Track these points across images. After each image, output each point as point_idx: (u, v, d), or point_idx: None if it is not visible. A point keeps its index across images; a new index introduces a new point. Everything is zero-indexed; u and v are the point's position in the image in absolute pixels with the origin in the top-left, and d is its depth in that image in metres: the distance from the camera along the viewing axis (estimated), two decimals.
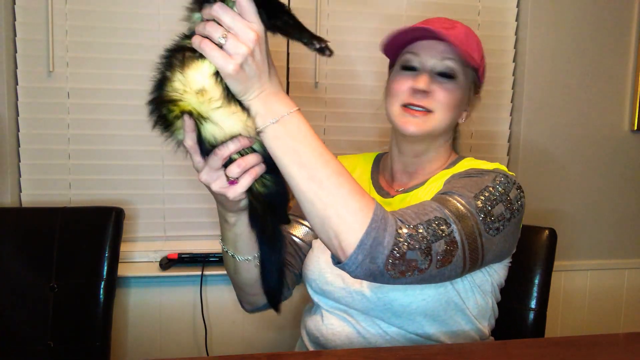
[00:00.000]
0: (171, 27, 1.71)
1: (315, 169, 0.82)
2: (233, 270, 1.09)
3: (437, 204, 0.91)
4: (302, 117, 0.84)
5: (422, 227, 0.85)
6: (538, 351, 0.92)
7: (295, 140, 0.82)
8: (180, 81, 0.81)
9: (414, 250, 0.83)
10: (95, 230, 1.42)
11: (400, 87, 1.10)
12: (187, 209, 1.79)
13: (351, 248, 0.80)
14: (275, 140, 0.82)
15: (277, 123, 0.81)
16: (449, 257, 0.87)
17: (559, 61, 1.95)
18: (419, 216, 0.86)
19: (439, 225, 0.86)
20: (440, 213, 0.88)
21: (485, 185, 0.98)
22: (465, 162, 1.16)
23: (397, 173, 1.21)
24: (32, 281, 1.39)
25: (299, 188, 0.83)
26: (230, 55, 0.76)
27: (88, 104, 1.71)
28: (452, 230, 0.87)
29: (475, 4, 1.91)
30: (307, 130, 0.83)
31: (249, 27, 0.77)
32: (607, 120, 2.01)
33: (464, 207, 0.92)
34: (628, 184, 2.05)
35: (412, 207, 0.90)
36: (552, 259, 1.31)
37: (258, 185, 0.90)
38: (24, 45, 1.66)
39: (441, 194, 0.96)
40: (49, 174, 1.71)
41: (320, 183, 0.81)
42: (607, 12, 1.96)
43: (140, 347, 1.77)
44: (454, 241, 0.88)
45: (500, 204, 0.96)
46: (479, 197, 0.94)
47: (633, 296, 2.09)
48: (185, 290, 1.78)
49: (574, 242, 2.01)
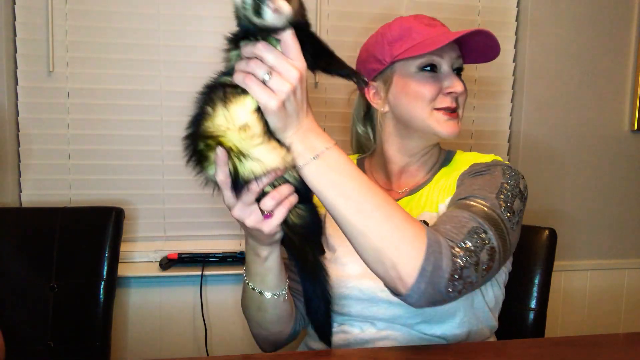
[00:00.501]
0: (171, 27, 1.73)
1: (362, 201, 0.82)
2: (257, 307, 1.05)
3: (468, 212, 0.90)
4: (341, 150, 0.85)
5: (468, 241, 0.85)
6: (538, 351, 0.92)
7: (337, 174, 0.83)
8: (225, 116, 0.81)
9: (469, 267, 0.83)
10: (95, 230, 1.42)
11: (431, 91, 1.08)
12: (187, 209, 1.79)
13: (412, 278, 0.79)
14: (318, 176, 0.83)
15: (318, 159, 0.83)
16: (490, 264, 0.87)
17: (559, 61, 1.95)
18: (459, 229, 0.86)
19: (479, 234, 0.86)
20: (475, 222, 0.88)
21: (500, 182, 0.99)
22: (460, 156, 1.17)
23: (394, 174, 1.19)
24: (32, 281, 1.39)
25: (347, 221, 0.82)
26: (274, 92, 0.78)
27: (88, 104, 1.70)
28: (490, 237, 0.88)
29: (475, 4, 1.91)
30: (347, 163, 0.84)
31: (292, 65, 0.79)
32: (607, 120, 2.01)
33: (490, 209, 0.92)
34: (628, 184, 2.05)
35: (446, 222, 0.89)
36: (552, 259, 1.31)
37: (293, 216, 0.90)
38: (24, 45, 1.66)
39: (462, 200, 0.96)
40: (49, 174, 1.71)
41: (369, 214, 0.81)
42: (607, 12, 1.96)
43: (140, 347, 1.77)
44: (493, 247, 0.88)
45: (517, 199, 0.98)
46: (500, 197, 0.95)
47: (633, 296, 2.09)
48: (185, 290, 1.78)
49: (574, 242, 2.01)
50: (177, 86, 1.74)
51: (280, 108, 0.79)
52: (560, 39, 1.94)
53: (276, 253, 0.97)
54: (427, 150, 1.17)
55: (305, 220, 0.91)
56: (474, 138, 1.95)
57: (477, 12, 1.91)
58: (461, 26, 1.89)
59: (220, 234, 1.81)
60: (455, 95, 1.10)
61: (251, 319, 1.11)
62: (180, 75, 1.74)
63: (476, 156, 1.14)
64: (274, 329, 1.09)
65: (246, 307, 1.10)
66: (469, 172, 1.07)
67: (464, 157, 1.17)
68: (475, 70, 1.92)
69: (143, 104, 1.74)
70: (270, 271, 0.99)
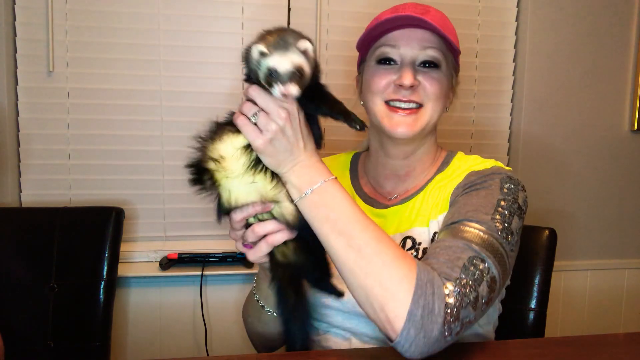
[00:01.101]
0: (171, 27, 1.73)
1: (352, 237, 0.80)
2: (258, 318, 1.06)
3: (462, 241, 0.85)
4: (338, 184, 0.85)
5: (464, 275, 0.79)
6: (538, 351, 0.92)
7: (330, 209, 0.83)
8: (209, 148, 0.87)
9: (466, 307, 0.78)
10: (95, 230, 1.42)
11: (381, 83, 1.02)
12: (187, 209, 1.79)
13: (400, 321, 0.75)
14: (311, 210, 0.84)
15: (312, 193, 0.84)
16: (491, 295, 0.83)
17: (559, 61, 1.95)
18: (454, 262, 0.81)
19: (476, 265, 0.81)
20: (470, 251, 0.83)
21: (497, 199, 0.92)
22: (458, 161, 1.09)
23: (383, 178, 1.13)
24: (32, 281, 1.39)
25: (337, 257, 0.82)
26: (260, 131, 0.82)
27: (88, 104, 1.71)
28: (489, 266, 0.83)
29: (475, 4, 1.91)
30: (343, 198, 0.84)
31: (280, 106, 0.82)
32: (607, 120, 2.01)
33: (486, 234, 0.86)
34: (628, 184, 2.05)
35: (440, 253, 0.84)
36: (552, 259, 1.31)
37: (278, 253, 0.90)
38: (24, 45, 1.66)
39: (456, 224, 0.90)
40: (49, 174, 1.71)
41: (359, 250, 0.80)
42: (607, 12, 1.96)
43: (140, 347, 1.77)
44: (493, 277, 0.83)
45: (516, 217, 0.92)
46: (496, 218, 0.89)
47: (633, 296, 2.09)
48: (185, 290, 1.78)
49: (574, 242, 2.01)
50: (177, 86, 1.74)
51: (267, 145, 0.82)
52: (560, 39, 1.94)
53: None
54: (412, 153, 1.08)
55: (290, 261, 0.91)
56: (474, 138, 1.95)
57: (477, 12, 1.91)
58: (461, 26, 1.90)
59: (220, 234, 1.81)
60: (402, 88, 1.00)
61: (251, 328, 1.11)
62: (180, 75, 1.74)
63: (475, 161, 1.06)
64: (272, 338, 1.09)
65: (248, 315, 1.10)
66: (464, 185, 0.99)
67: (462, 162, 1.08)
68: (475, 70, 1.92)
69: (143, 104, 1.74)
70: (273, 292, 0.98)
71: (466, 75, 1.91)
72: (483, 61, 1.93)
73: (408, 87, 0.99)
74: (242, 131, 0.83)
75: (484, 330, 1.04)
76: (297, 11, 1.78)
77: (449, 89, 1.09)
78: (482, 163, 1.05)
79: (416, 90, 1.01)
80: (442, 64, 1.03)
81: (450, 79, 1.08)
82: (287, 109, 0.83)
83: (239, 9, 1.76)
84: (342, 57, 1.80)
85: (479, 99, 1.94)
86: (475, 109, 1.94)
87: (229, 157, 0.85)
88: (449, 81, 1.07)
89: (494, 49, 1.94)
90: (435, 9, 1.04)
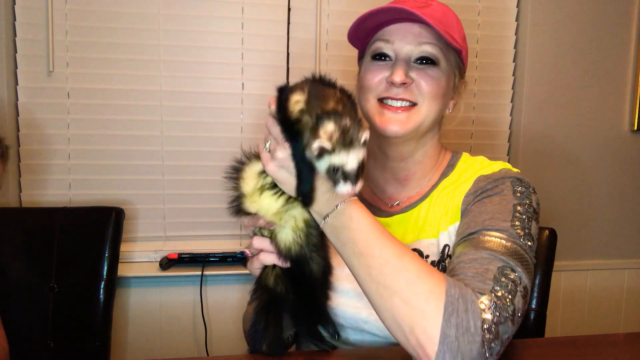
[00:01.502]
0: (171, 27, 1.73)
1: (373, 256, 0.77)
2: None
3: (486, 251, 0.80)
4: (355, 204, 0.81)
5: (498, 287, 0.74)
6: (538, 351, 0.92)
7: (349, 231, 0.79)
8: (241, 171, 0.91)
9: (504, 322, 0.72)
10: (95, 230, 1.42)
11: (373, 80, 0.97)
12: (187, 209, 1.79)
13: (432, 345, 0.68)
14: (333, 235, 0.82)
15: (331, 218, 0.81)
16: (524, 308, 0.78)
17: (559, 61, 1.95)
18: (484, 274, 0.76)
19: (507, 275, 0.76)
20: (498, 261, 0.78)
21: (512, 204, 0.88)
22: (464, 164, 1.03)
23: (383, 182, 1.07)
24: (32, 281, 1.39)
25: (362, 280, 0.78)
26: (272, 158, 0.82)
27: (88, 104, 1.70)
28: (520, 275, 0.78)
29: (475, 4, 1.91)
30: (361, 219, 0.80)
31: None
32: (607, 120, 2.01)
33: (509, 241, 0.82)
34: (628, 184, 2.05)
35: (466, 267, 0.79)
36: (552, 259, 1.31)
37: (270, 276, 0.90)
38: (24, 45, 1.66)
39: (474, 235, 0.85)
40: (49, 174, 1.71)
41: (380, 270, 0.75)
42: (607, 12, 1.96)
43: (140, 347, 1.77)
44: (526, 287, 0.78)
45: (534, 221, 0.88)
46: (515, 224, 0.85)
47: (633, 296, 2.09)
48: (185, 290, 1.78)
49: (574, 242, 2.01)
50: (177, 86, 1.74)
51: (276, 171, 0.82)
52: (560, 39, 1.94)
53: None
54: (410, 154, 1.02)
55: (276, 289, 0.89)
56: (474, 138, 1.95)
57: (477, 12, 1.92)
58: None
59: (220, 234, 1.81)
60: (394, 85, 0.95)
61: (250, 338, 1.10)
62: (180, 75, 1.74)
63: (482, 164, 1.00)
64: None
65: (247, 323, 1.06)
66: (474, 192, 0.94)
67: (469, 165, 1.02)
68: (476, 70, 1.92)
69: (143, 104, 1.74)
70: None
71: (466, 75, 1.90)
72: (483, 61, 1.93)
73: (399, 85, 0.94)
74: (260, 157, 0.86)
75: None
76: (297, 11, 1.78)
77: (450, 89, 1.02)
78: (489, 166, 0.99)
79: (409, 88, 0.95)
80: (441, 61, 0.97)
81: (451, 78, 1.01)
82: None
83: (239, 9, 1.76)
84: (341, 57, 1.80)
85: (479, 99, 1.94)
86: (475, 109, 1.94)
87: (247, 178, 0.88)
88: (449, 80, 1.00)
89: (494, 49, 1.94)
90: (440, 3, 0.99)
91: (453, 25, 0.98)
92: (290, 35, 1.78)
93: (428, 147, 1.04)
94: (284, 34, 1.78)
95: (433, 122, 0.99)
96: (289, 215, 0.86)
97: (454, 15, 1.00)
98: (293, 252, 0.86)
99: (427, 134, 1.02)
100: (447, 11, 0.99)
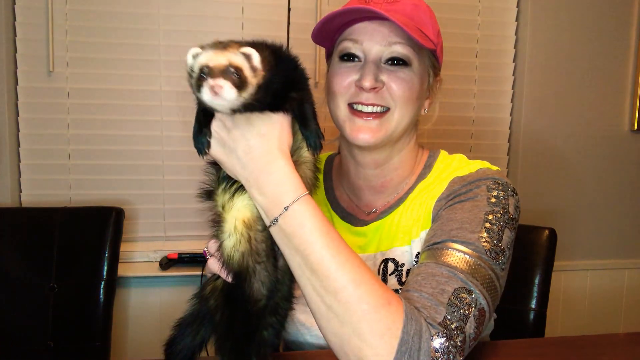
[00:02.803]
0: (171, 27, 1.73)
1: (327, 277, 0.70)
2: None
3: (447, 268, 0.77)
4: (310, 205, 0.73)
5: (450, 317, 0.72)
6: (538, 351, 0.92)
7: (300, 240, 0.71)
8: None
9: (453, 352, 0.70)
10: (95, 230, 1.42)
11: (342, 83, 0.91)
12: (187, 209, 1.78)
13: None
14: (280, 239, 0.74)
15: (280, 220, 0.72)
16: (479, 330, 0.76)
17: (559, 61, 1.95)
18: (438, 298, 0.73)
19: (462, 300, 0.74)
20: (456, 282, 0.75)
21: (485, 211, 0.83)
22: (441, 164, 0.98)
23: (357, 188, 1.01)
24: (32, 281, 1.39)
25: (310, 299, 0.72)
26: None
27: (88, 104, 1.70)
28: (477, 298, 0.75)
29: (475, 4, 1.91)
30: (316, 227, 0.71)
31: (218, 118, 0.77)
32: (607, 120, 2.01)
33: (473, 257, 0.78)
34: (628, 184, 2.05)
35: (422, 284, 0.76)
36: (552, 259, 1.31)
37: (205, 283, 0.84)
38: (24, 45, 1.66)
39: (438, 246, 0.81)
40: (49, 174, 1.71)
41: (334, 295, 0.69)
42: (607, 12, 1.96)
43: (140, 347, 1.77)
44: (482, 309, 0.76)
45: (507, 229, 0.83)
46: (483, 237, 0.80)
47: (633, 296, 2.09)
48: (185, 290, 1.77)
49: (574, 242, 2.01)
50: (177, 86, 1.74)
51: (216, 150, 0.77)
52: (560, 39, 1.94)
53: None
54: (384, 161, 0.96)
55: (212, 300, 0.82)
56: (474, 138, 1.95)
57: (477, 12, 1.91)
58: (461, 26, 1.90)
59: None
60: (369, 91, 0.88)
61: None
62: (180, 75, 1.73)
63: (460, 163, 0.95)
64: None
65: None
66: (447, 196, 0.89)
67: (446, 165, 0.97)
68: (476, 70, 1.92)
69: (143, 104, 1.74)
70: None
71: (466, 75, 1.91)
72: (483, 61, 1.93)
73: (369, 90, 0.88)
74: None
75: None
76: (297, 11, 1.78)
77: (424, 89, 0.95)
78: (466, 166, 0.93)
79: (380, 93, 0.89)
80: (413, 61, 0.91)
81: (425, 78, 0.95)
82: (221, 119, 0.75)
83: (239, 9, 1.76)
84: None
85: (479, 99, 1.94)
86: (475, 109, 1.94)
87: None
88: (422, 80, 0.94)
89: (494, 49, 1.94)
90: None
91: (425, 21, 0.91)
92: (290, 36, 1.78)
93: (404, 153, 0.98)
94: (284, 34, 1.78)
95: (407, 126, 0.93)
96: (231, 215, 0.76)
97: (426, 9, 0.94)
98: (235, 263, 0.75)
99: (402, 139, 0.96)
100: (418, 4, 0.92)
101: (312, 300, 0.72)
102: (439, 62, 0.97)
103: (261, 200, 0.74)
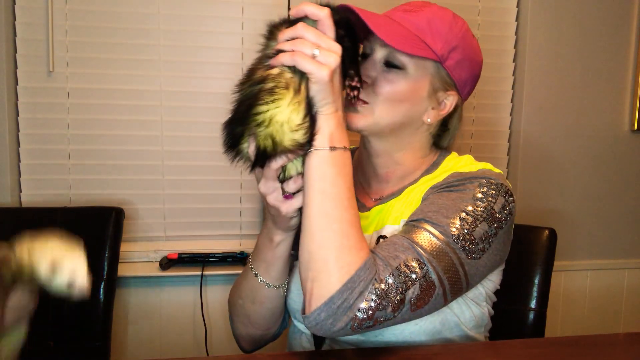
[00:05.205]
0: (171, 27, 1.73)
1: (334, 208, 0.81)
2: (252, 300, 1.03)
3: (409, 240, 0.84)
4: (349, 158, 0.85)
5: (393, 277, 0.79)
6: (538, 351, 0.92)
7: (335, 173, 0.82)
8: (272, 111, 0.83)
9: (383, 309, 0.78)
10: (95, 230, 1.42)
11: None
12: (187, 209, 1.79)
13: (318, 301, 0.78)
14: (321, 164, 0.82)
15: (333, 151, 0.82)
16: (425, 298, 0.82)
17: (559, 61, 1.95)
18: (389, 261, 0.81)
19: (411, 268, 0.81)
20: (412, 253, 0.82)
21: (465, 204, 0.88)
22: (447, 163, 1.02)
23: (369, 177, 1.08)
24: None
25: (310, 216, 0.82)
26: (322, 64, 0.79)
27: (88, 104, 1.71)
28: (427, 270, 0.82)
29: (475, 4, 1.91)
30: (348, 172, 0.84)
31: (333, 41, 0.81)
32: (607, 120, 2.01)
33: (438, 238, 0.84)
34: (628, 184, 2.05)
35: (384, 247, 0.84)
36: (552, 259, 1.31)
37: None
38: (24, 45, 1.66)
39: (412, 223, 0.88)
40: (49, 174, 1.71)
41: (330, 223, 0.81)
42: (607, 12, 1.96)
43: (140, 347, 1.77)
44: (430, 282, 0.82)
45: (484, 223, 0.87)
46: (454, 223, 0.86)
47: (633, 296, 2.09)
48: (185, 290, 1.78)
49: (574, 242, 2.01)
50: (177, 86, 1.74)
51: (331, 79, 0.79)
52: (560, 39, 1.94)
53: (288, 242, 0.96)
54: (385, 152, 1.03)
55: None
56: (474, 138, 1.96)
57: (477, 12, 1.92)
58: None
59: (220, 234, 1.81)
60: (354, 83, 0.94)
61: (240, 314, 1.08)
62: (180, 75, 1.74)
63: (466, 162, 1.00)
64: (263, 326, 1.07)
65: (239, 297, 1.07)
66: (441, 185, 0.94)
67: (453, 163, 1.02)
68: None
69: (143, 104, 1.74)
70: (278, 260, 0.97)
71: None
72: (483, 61, 1.93)
73: (356, 83, 0.94)
74: (302, 67, 0.78)
75: (474, 333, 1.01)
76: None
77: (421, 96, 0.98)
78: (470, 165, 0.98)
79: (366, 89, 0.95)
80: (408, 67, 0.95)
81: (423, 86, 0.98)
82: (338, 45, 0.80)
83: (239, 9, 1.76)
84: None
85: (479, 99, 1.94)
86: (475, 109, 1.94)
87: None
88: (416, 86, 0.96)
89: (494, 49, 1.94)
90: (432, 9, 0.99)
91: (440, 34, 0.96)
92: None
93: (407, 151, 1.03)
94: None
95: (395, 124, 0.97)
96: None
97: (446, 23, 0.98)
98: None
99: (402, 137, 1.00)
100: (435, 18, 0.97)
101: (309, 219, 0.82)
102: (452, 77, 1.00)
103: (328, 131, 0.82)
